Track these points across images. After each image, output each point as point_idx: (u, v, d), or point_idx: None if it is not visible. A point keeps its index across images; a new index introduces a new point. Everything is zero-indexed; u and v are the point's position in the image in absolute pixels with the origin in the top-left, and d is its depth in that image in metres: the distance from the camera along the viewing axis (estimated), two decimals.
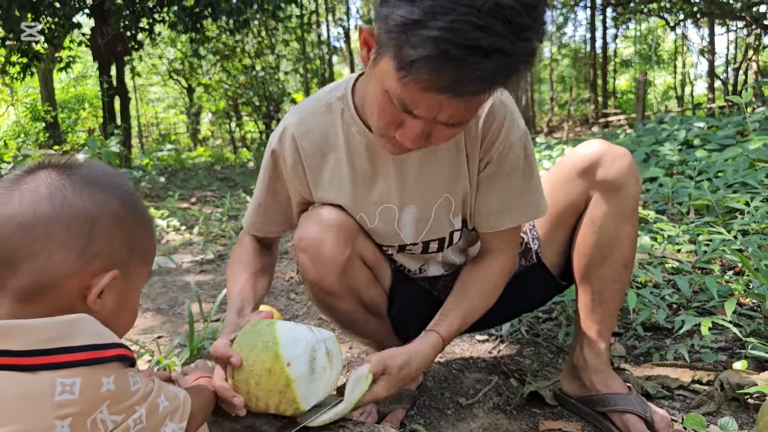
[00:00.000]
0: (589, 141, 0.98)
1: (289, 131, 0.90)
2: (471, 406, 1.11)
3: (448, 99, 0.65)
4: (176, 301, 1.99)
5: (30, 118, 11.63)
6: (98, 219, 0.57)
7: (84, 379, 0.52)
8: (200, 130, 18.44)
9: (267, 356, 0.71)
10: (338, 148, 0.89)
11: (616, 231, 0.95)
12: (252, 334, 0.74)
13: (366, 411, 1.06)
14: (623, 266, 0.97)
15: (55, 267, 0.54)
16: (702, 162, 2.99)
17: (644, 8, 10.60)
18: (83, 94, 15.65)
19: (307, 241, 0.88)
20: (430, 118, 0.69)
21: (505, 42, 0.60)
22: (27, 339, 0.52)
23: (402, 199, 0.91)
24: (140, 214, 0.62)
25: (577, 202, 0.98)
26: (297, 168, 0.91)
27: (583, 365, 1.00)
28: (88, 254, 0.56)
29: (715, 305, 1.42)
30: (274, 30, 12.94)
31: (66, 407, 0.50)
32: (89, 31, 7.94)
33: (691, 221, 2.11)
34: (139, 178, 5.28)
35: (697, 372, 1.13)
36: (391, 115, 0.71)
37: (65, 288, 0.55)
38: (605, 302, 0.98)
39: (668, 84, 23.29)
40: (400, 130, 0.72)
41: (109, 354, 0.54)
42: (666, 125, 4.88)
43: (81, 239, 0.55)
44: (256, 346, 0.72)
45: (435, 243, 0.97)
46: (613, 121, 12.75)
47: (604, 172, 0.93)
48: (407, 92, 0.66)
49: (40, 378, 0.50)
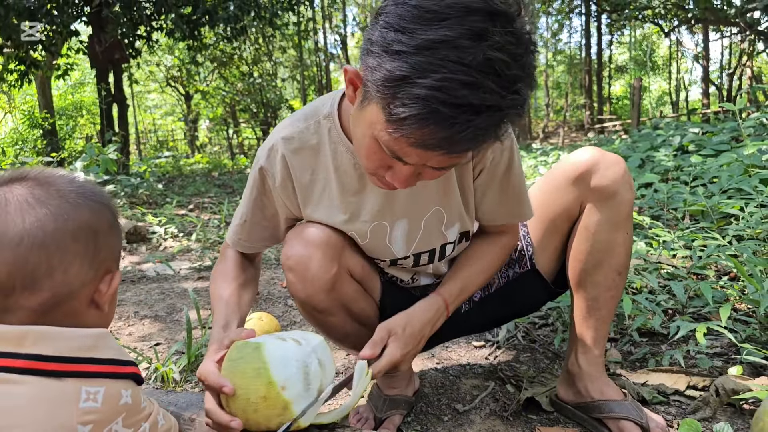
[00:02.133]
0: (583, 148, 0.98)
1: (278, 149, 0.88)
2: (468, 412, 1.11)
3: (440, 155, 0.65)
4: (174, 308, 1.98)
5: (28, 126, 11.62)
6: (99, 229, 0.60)
7: (107, 389, 0.55)
8: (198, 137, 18.45)
9: (260, 383, 0.70)
10: (327, 167, 0.88)
11: (610, 238, 0.96)
12: (241, 362, 0.72)
13: (363, 417, 1.06)
14: (617, 273, 0.97)
15: (71, 279, 0.57)
16: (697, 168, 3.01)
17: (639, 14, 10.71)
18: (81, 102, 15.65)
19: (294, 259, 0.88)
20: (420, 164, 0.68)
21: (496, 97, 0.59)
22: (59, 345, 0.54)
23: (393, 214, 0.91)
24: (118, 220, 0.66)
25: (571, 210, 0.99)
26: (286, 185, 0.90)
27: (578, 372, 1.01)
28: (97, 262, 0.60)
29: (711, 311, 1.42)
30: (271, 37, 13.01)
31: (89, 414, 0.53)
32: (87, 39, 7.97)
33: (686, 227, 2.12)
34: (137, 185, 5.26)
35: (692, 378, 1.13)
36: (380, 160, 0.70)
37: (80, 296, 0.59)
38: (599, 309, 0.99)
39: (663, 90, 23.46)
40: (389, 172, 0.72)
41: (128, 371, 0.58)
42: (661, 131, 4.92)
43: (90, 250, 0.59)
44: (246, 374, 0.71)
45: (426, 255, 0.97)
46: (608, 126, 12.82)
47: (597, 180, 0.94)
48: (397, 145, 0.65)
49: (67, 384, 0.53)
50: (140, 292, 2.24)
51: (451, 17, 0.58)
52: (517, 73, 0.60)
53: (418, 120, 0.60)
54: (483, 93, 0.58)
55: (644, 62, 20.13)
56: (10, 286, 0.54)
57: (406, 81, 0.59)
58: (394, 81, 0.60)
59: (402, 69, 0.59)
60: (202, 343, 1.44)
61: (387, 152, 0.68)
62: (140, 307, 2.01)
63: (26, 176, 0.59)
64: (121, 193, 4.81)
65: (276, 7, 8.35)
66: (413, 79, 0.58)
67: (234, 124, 15.83)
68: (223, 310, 0.89)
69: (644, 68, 20.13)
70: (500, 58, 0.58)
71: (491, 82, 0.58)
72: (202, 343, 1.44)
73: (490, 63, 0.58)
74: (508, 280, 1.07)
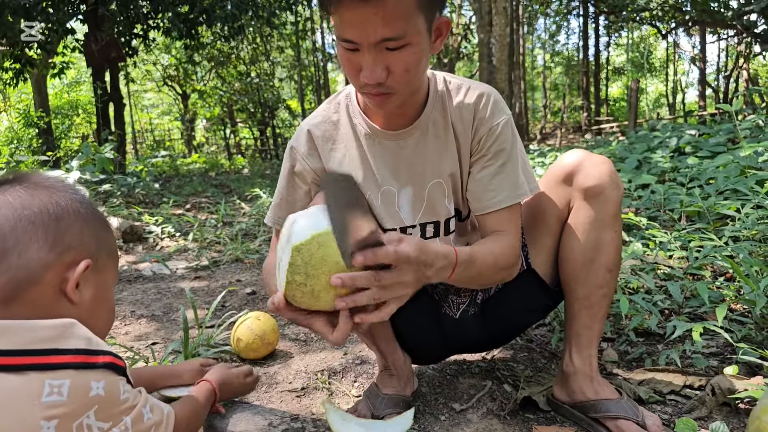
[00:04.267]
0: (572, 150, 1.02)
1: (304, 127, 1.00)
2: (465, 411, 1.11)
3: (355, 8, 0.73)
4: (171, 308, 1.98)
5: (23, 124, 11.55)
6: (62, 215, 0.60)
7: (73, 381, 0.52)
8: (195, 137, 18.39)
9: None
10: (347, 138, 0.98)
11: (598, 236, 0.97)
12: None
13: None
14: (608, 271, 0.98)
15: (29, 262, 0.57)
16: (693, 169, 3.02)
17: (636, 16, 10.76)
18: (77, 100, 15.57)
19: None
20: (364, 40, 0.76)
21: None
22: (19, 339, 0.53)
23: (399, 181, 0.97)
24: (99, 214, 0.66)
25: (561, 209, 1.01)
26: (313, 155, 0.99)
27: (572, 371, 1.01)
28: (59, 247, 0.59)
29: (707, 311, 1.43)
30: (269, 37, 12.99)
31: (53, 408, 0.51)
32: (83, 37, 7.93)
33: (682, 228, 2.13)
34: (134, 185, 5.26)
35: (688, 377, 1.13)
36: (347, 60, 0.81)
37: (43, 282, 0.58)
38: (591, 307, 0.99)
39: (660, 92, 23.55)
40: (361, 73, 0.80)
41: (99, 360, 0.55)
42: (658, 133, 4.94)
43: (50, 234, 0.59)
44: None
45: (431, 226, 1.01)
46: (605, 128, 12.87)
47: (582, 179, 0.96)
48: (337, 25, 0.77)
49: (29, 378, 0.51)
50: (136, 291, 2.23)
51: None
52: None
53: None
54: None
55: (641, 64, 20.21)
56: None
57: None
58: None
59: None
60: (199, 343, 1.44)
61: (341, 44, 0.79)
62: (137, 307, 2.01)
63: (7, 179, 0.62)
64: (117, 193, 4.79)
65: (274, 7, 8.35)
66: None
67: (231, 124, 15.79)
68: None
69: (641, 70, 20.21)
70: None
71: None
72: (198, 343, 1.43)
73: None
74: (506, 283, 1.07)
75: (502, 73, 7.98)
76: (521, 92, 15.84)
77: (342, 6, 0.74)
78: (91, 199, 0.67)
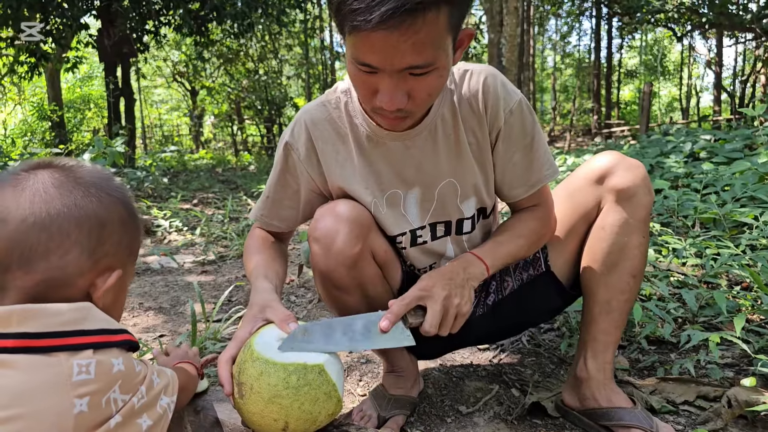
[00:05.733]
0: (604, 152, 0.98)
1: (301, 122, 0.94)
2: (471, 414, 1.09)
3: (382, 35, 0.65)
4: (178, 301, 1.98)
5: (37, 117, 11.70)
6: (107, 221, 0.60)
7: (98, 360, 0.55)
8: (203, 133, 18.51)
9: (330, 405, 0.75)
10: (346, 139, 0.93)
11: (625, 240, 0.94)
12: (308, 388, 0.73)
13: (366, 415, 1.05)
14: (632, 276, 0.96)
15: (68, 265, 0.57)
16: (708, 175, 2.97)
17: (651, 18, 10.61)
18: (89, 95, 15.74)
19: (320, 231, 0.90)
20: (387, 66, 0.69)
21: None
22: (45, 322, 0.54)
23: (406, 183, 0.94)
24: (137, 216, 0.66)
25: (589, 211, 0.98)
26: (311, 156, 0.94)
27: (585, 377, 0.99)
28: (98, 254, 0.59)
29: (723, 321, 1.39)
30: (277, 35, 13.02)
31: (84, 386, 0.53)
32: (96, 33, 8.00)
33: (696, 234, 2.09)
34: (143, 179, 5.31)
35: (702, 388, 1.10)
36: (362, 82, 0.73)
37: (74, 286, 0.58)
38: (612, 312, 0.97)
39: (673, 95, 23.29)
40: (378, 96, 0.73)
41: (118, 339, 0.58)
42: (671, 137, 4.87)
43: (93, 240, 0.58)
44: (318, 400, 0.74)
45: (441, 226, 0.98)
46: (616, 132, 12.74)
47: (616, 180, 0.93)
48: (353, 46, 0.69)
49: (59, 359, 0.53)
50: (145, 284, 2.24)
51: None
52: None
53: (346, 6, 0.65)
54: None
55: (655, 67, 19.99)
56: (7, 262, 0.55)
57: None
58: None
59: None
60: (206, 336, 1.44)
61: (359, 67, 0.71)
62: (145, 299, 2.02)
63: (51, 164, 0.61)
64: (127, 186, 4.82)
65: (283, 4, 8.36)
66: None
67: (239, 121, 15.86)
68: (261, 269, 0.93)
69: (655, 73, 19.99)
70: None
71: None
72: (206, 336, 1.43)
73: None
74: (522, 283, 1.05)
75: (512, 74, 7.93)
76: (530, 94, 15.75)
77: (365, 31, 0.65)
78: (132, 200, 0.66)
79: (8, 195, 0.56)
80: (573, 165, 4.96)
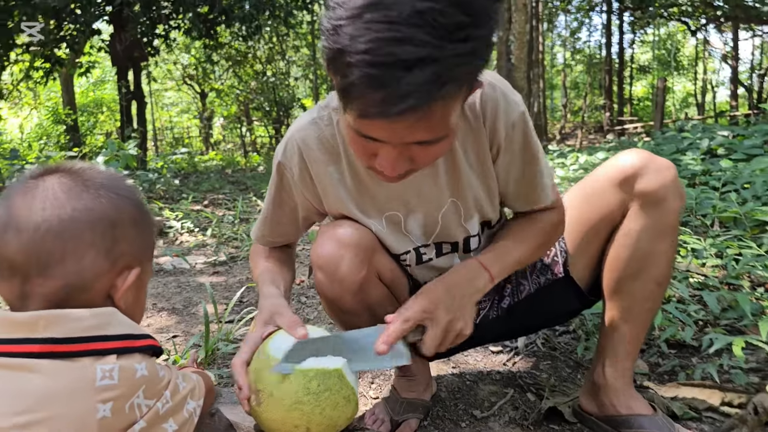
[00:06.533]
0: (630, 150, 0.92)
1: (293, 142, 0.89)
2: (486, 419, 1.07)
3: (391, 122, 0.60)
4: (190, 302, 1.99)
5: (51, 121, 11.90)
6: (119, 221, 0.60)
7: (121, 365, 0.55)
8: (212, 135, 18.67)
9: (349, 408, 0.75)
10: (339, 159, 0.88)
11: (652, 247, 0.89)
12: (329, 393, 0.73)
13: (379, 419, 1.03)
14: (657, 284, 0.91)
15: (85, 269, 0.57)
16: (727, 172, 2.89)
17: (664, 12, 10.42)
18: (101, 99, 15.97)
19: (324, 258, 0.87)
20: (394, 141, 0.64)
21: (430, 49, 0.54)
22: (69, 327, 0.54)
23: (406, 206, 0.90)
24: (149, 215, 0.66)
25: (613, 214, 0.92)
26: (305, 177, 0.90)
27: (603, 384, 0.96)
28: (114, 254, 0.59)
29: (746, 324, 1.35)
30: (285, 36, 13.07)
31: (107, 391, 0.53)
32: (108, 38, 8.11)
33: (716, 234, 2.03)
34: (155, 180, 5.38)
35: (727, 393, 1.07)
36: (361, 146, 0.67)
37: (95, 289, 0.58)
38: (634, 320, 0.93)
39: (688, 91, 22.91)
40: (378, 160, 0.67)
41: (140, 344, 0.58)
42: (687, 133, 4.77)
43: (107, 241, 0.58)
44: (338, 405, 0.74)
45: (448, 245, 0.95)
46: (629, 128, 12.55)
47: (644, 183, 0.87)
48: (356, 122, 0.63)
49: (83, 364, 0.53)
50: (157, 284, 2.25)
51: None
52: (460, 19, 0.55)
53: (355, 88, 0.58)
54: (413, 46, 0.54)
55: (668, 62, 19.66)
56: (26, 271, 0.55)
57: (342, 54, 0.57)
58: (333, 57, 0.59)
59: (338, 42, 0.57)
60: (219, 338, 1.44)
61: (359, 136, 0.65)
62: (157, 300, 2.03)
63: (59, 168, 0.61)
64: (139, 188, 4.89)
65: (290, 6, 8.39)
66: (347, 50, 0.57)
67: (247, 122, 15.96)
68: (268, 275, 0.92)
69: (668, 68, 19.65)
70: (432, 7, 0.54)
71: (423, 34, 0.54)
72: (218, 337, 1.43)
73: (421, 15, 0.54)
74: (539, 287, 1.02)
75: (521, 72, 7.85)
76: (540, 91, 15.59)
77: (365, 117, 0.60)
78: (142, 199, 0.66)
79: (19, 204, 0.57)
80: (586, 163, 4.89)
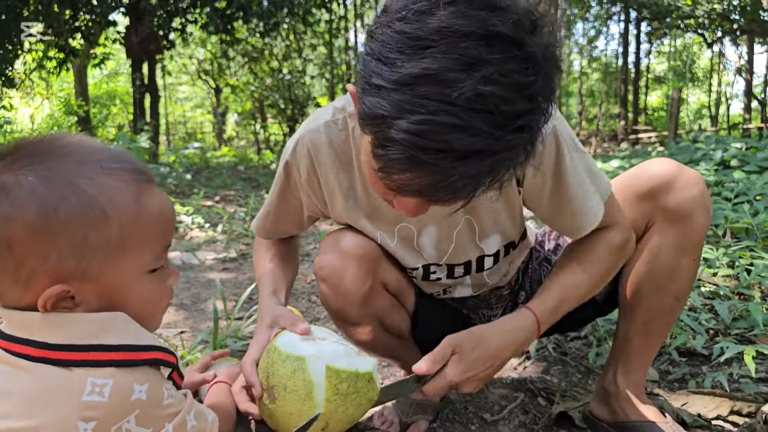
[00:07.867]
0: (658, 160, 0.87)
1: (303, 143, 0.84)
2: (496, 422, 1.07)
3: (425, 201, 0.59)
4: (199, 298, 2.00)
5: (63, 112, 12.03)
6: (11, 239, 0.48)
7: (116, 381, 0.49)
8: (225, 131, 18.77)
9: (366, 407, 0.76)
10: (351, 168, 0.84)
11: (673, 263, 0.87)
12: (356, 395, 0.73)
13: (388, 420, 1.04)
14: (675, 299, 0.89)
15: (4, 293, 0.51)
16: (740, 184, 2.88)
17: (681, 24, 10.36)
18: (115, 91, 16.12)
19: (327, 270, 0.86)
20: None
21: (487, 140, 0.50)
22: (66, 332, 0.50)
23: (419, 220, 0.86)
24: (80, 210, 0.50)
25: (636, 227, 0.88)
26: (312, 181, 0.87)
27: (615, 391, 0.96)
28: (23, 277, 0.49)
29: (757, 333, 1.34)
30: (302, 34, 13.12)
31: (92, 409, 0.48)
32: (124, 30, 8.19)
33: (727, 244, 2.02)
34: (166, 175, 5.40)
35: (736, 402, 1.07)
36: (382, 189, 0.63)
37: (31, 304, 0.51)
38: (649, 333, 0.92)
39: (702, 102, 22.71)
40: (396, 201, 0.65)
41: (144, 357, 0.52)
42: (701, 144, 4.74)
43: (8, 264, 0.49)
44: (362, 405, 0.74)
45: (461, 268, 0.93)
46: (643, 138, 12.46)
47: (671, 199, 0.83)
48: (384, 175, 0.58)
49: (72, 374, 0.48)
50: None
51: (438, 45, 0.49)
52: (520, 107, 0.51)
53: (396, 164, 0.54)
54: (470, 136, 0.50)
55: (683, 73, 19.50)
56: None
57: (384, 121, 0.52)
58: (373, 119, 0.54)
59: (380, 107, 0.52)
60: (227, 334, 1.45)
61: (382, 180, 0.60)
62: None
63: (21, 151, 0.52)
64: None
65: (309, 4, 8.42)
66: (391, 119, 0.52)
67: (261, 119, 16.02)
68: (269, 278, 0.91)
69: (683, 79, 19.49)
70: (494, 92, 0.49)
71: (482, 122, 0.49)
72: (227, 334, 1.44)
73: (482, 99, 0.49)
74: None
75: None
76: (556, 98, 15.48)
77: (415, 193, 0.57)
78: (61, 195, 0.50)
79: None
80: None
